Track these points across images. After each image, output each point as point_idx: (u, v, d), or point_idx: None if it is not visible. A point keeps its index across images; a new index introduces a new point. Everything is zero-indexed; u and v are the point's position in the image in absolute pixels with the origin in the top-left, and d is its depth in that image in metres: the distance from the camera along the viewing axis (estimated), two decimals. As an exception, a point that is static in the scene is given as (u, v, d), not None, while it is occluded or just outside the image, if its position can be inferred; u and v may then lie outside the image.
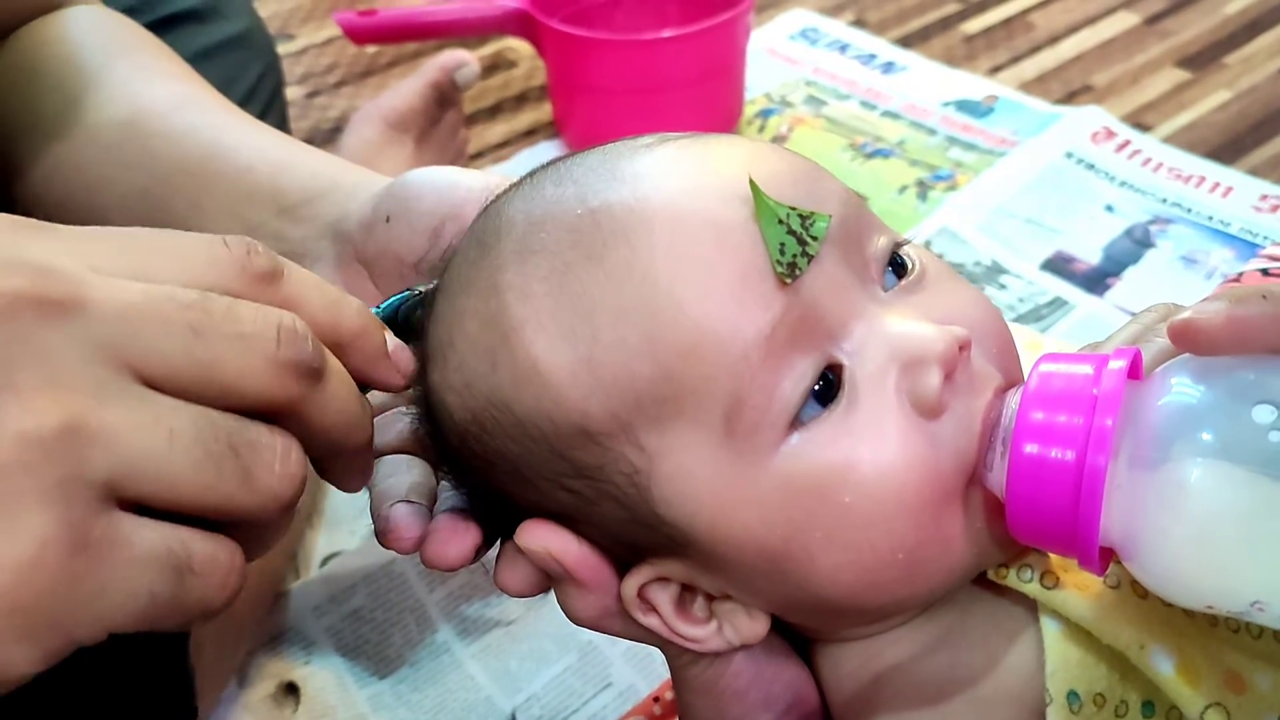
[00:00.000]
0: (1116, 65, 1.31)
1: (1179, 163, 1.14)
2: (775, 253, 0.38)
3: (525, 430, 0.40)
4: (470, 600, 0.80)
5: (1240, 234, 1.06)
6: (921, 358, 0.38)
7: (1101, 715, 0.39)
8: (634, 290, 0.38)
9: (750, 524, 0.39)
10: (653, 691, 0.72)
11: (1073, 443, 0.35)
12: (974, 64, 1.33)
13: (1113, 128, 1.19)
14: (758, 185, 0.39)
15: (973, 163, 1.16)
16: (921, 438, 0.38)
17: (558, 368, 0.39)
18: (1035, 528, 0.37)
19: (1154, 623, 0.39)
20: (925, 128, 1.22)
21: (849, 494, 0.38)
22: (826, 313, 0.39)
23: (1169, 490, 0.34)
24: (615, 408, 0.39)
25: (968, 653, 0.42)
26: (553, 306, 0.39)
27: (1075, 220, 1.09)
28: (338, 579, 0.81)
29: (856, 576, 0.39)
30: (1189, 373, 0.35)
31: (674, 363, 0.38)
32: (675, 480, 0.39)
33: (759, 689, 0.43)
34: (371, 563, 0.82)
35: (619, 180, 0.41)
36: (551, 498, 0.41)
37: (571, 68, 1.17)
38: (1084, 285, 1.02)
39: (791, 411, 0.38)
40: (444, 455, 0.45)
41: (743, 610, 0.42)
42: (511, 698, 0.74)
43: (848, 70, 1.33)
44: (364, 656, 0.78)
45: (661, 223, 0.39)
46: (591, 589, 0.42)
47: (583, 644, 0.76)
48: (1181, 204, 1.10)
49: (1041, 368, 0.38)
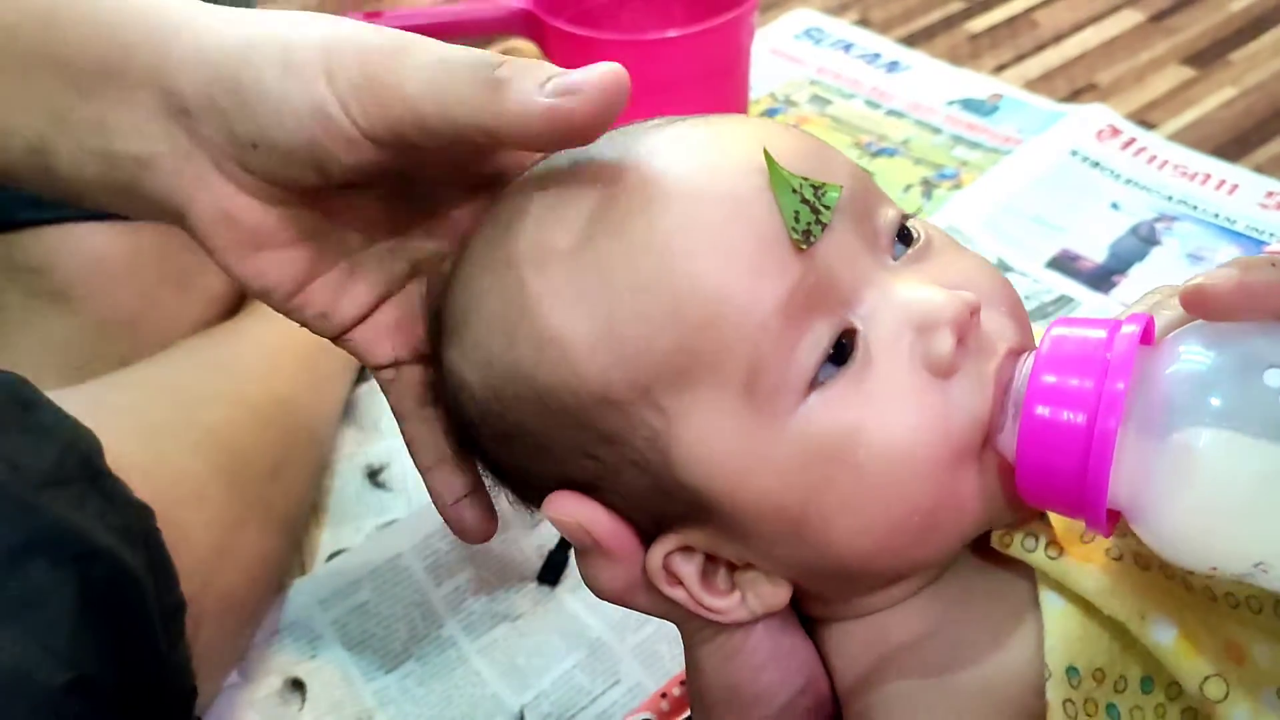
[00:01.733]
0: (1121, 63, 1.30)
1: (1184, 160, 1.14)
2: (790, 220, 0.39)
3: (546, 402, 0.41)
4: (476, 596, 0.80)
5: (1246, 231, 1.06)
6: (934, 321, 0.39)
7: (1101, 690, 0.40)
8: (653, 263, 0.39)
9: (769, 487, 0.39)
10: (660, 688, 0.72)
11: (1084, 406, 0.36)
12: (978, 62, 1.33)
13: (1118, 125, 1.18)
14: (772, 156, 0.40)
15: (978, 161, 1.16)
16: (935, 399, 0.39)
17: (578, 339, 0.40)
18: (1044, 489, 0.38)
19: (1155, 594, 0.39)
20: (930, 126, 1.22)
21: (863, 454, 0.39)
22: (840, 279, 0.40)
23: (1178, 454, 0.35)
24: (636, 376, 0.39)
25: (971, 631, 0.43)
26: (571, 279, 0.40)
27: (1081, 218, 1.09)
28: (343, 573, 0.81)
29: (872, 539, 0.40)
30: (1200, 338, 0.36)
31: (694, 334, 0.39)
32: (695, 444, 0.40)
33: (775, 668, 0.44)
34: (376, 557, 0.82)
35: (634, 158, 0.42)
36: (574, 467, 0.42)
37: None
38: (1089, 283, 1.02)
39: (809, 374, 0.39)
40: (462, 434, 0.46)
41: (764, 578, 0.43)
42: (520, 695, 0.74)
43: (852, 69, 1.33)
44: (369, 651, 0.77)
45: (679, 196, 0.40)
46: (619, 559, 0.43)
47: (591, 641, 0.76)
48: (1187, 201, 1.09)
49: (1054, 331, 0.38)
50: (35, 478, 0.57)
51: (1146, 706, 0.40)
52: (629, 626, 0.77)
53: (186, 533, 0.65)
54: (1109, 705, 0.40)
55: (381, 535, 0.84)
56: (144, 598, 0.59)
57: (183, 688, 0.64)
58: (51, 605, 0.55)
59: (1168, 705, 0.40)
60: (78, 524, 0.57)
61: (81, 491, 0.59)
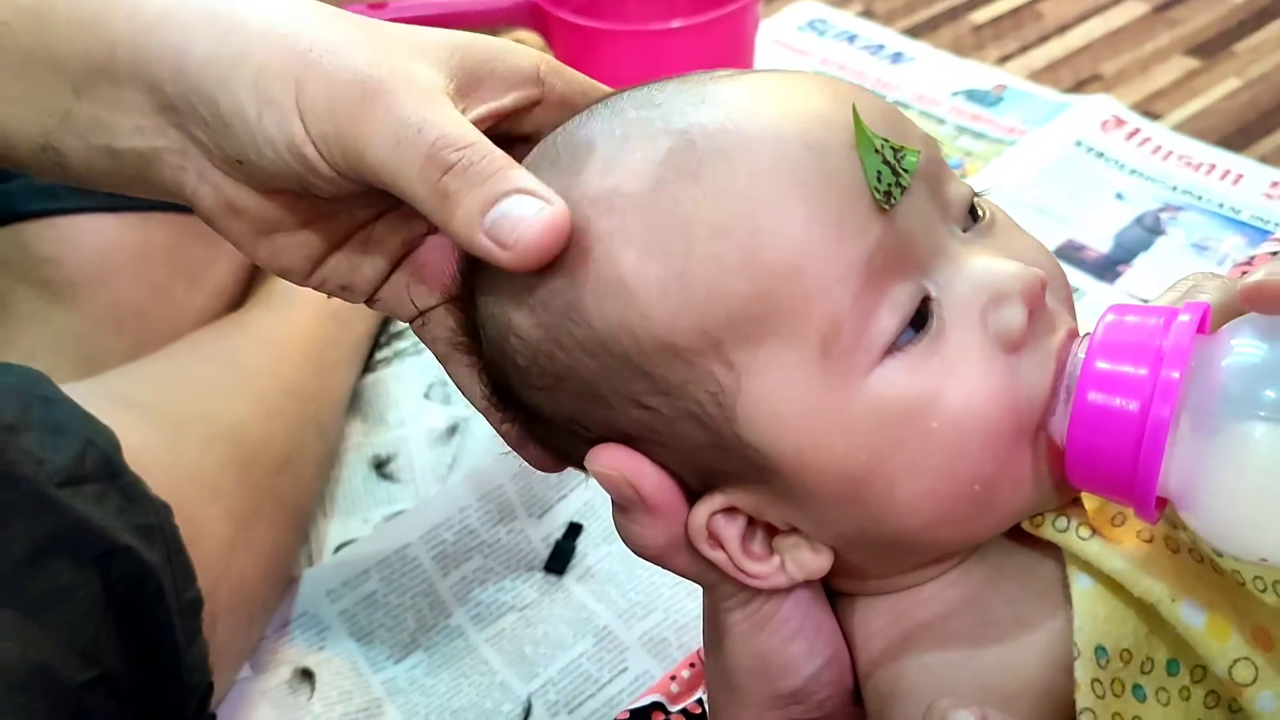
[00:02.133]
0: (1126, 54, 1.30)
1: (1189, 150, 1.14)
2: (873, 179, 0.38)
3: (605, 346, 0.40)
4: (484, 585, 0.80)
5: (1251, 221, 1.06)
6: (1007, 292, 0.39)
7: (1127, 671, 0.40)
8: (734, 207, 0.38)
9: (837, 448, 0.39)
10: (669, 671, 0.72)
11: (1138, 393, 0.36)
12: (982, 53, 1.33)
13: (1122, 116, 1.18)
14: (859, 113, 0.39)
15: (982, 152, 1.16)
16: (1004, 371, 0.39)
17: (647, 282, 0.39)
18: (1093, 474, 0.38)
19: (1185, 577, 0.40)
20: (934, 117, 1.22)
21: (936, 420, 0.38)
22: (917, 244, 0.40)
23: (1231, 444, 0.35)
24: (706, 325, 0.39)
25: (998, 610, 0.43)
26: (642, 221, 0.39)
27: (1085, 208, 1.09)
28: (351, 563, 0.82)
29: (934, 506, 0.40)
30: (1255, 331, 0.36)
31: (773, 282, 0.38)
32: (763, 401, 0.39)
33: (804, 639, 0.44)
34: (384, 548, 0.82)
35: (710, 103, 0.41)
36: (625, 416, 0.41)
37: (581, 58, 1.16)
38: (1095, 273, 1.02)
39: (888, 338, 0.39)
40: (500, 379, 0.45)
41: (806, 545, 0.42)
42: (527, 683, 0.75)
43: (856, 61, 1.33)
44: (377, 641, 0.78)
45: (761, 143, 0.39)
46: (662, 516, 0.42)
47: (598, 630, 0.77)
48: (1192, 191, 1.09)
49: (1108, 318, 0.39)
50: (56, 475, 0.57)
51: (1172, 689, 0.40)
52: (635, 615, 0.77)
53: (202, 528, 0.66)
54: (1135, 686, 0.40)
55: (389, 526, 0.84)
56: (163, 595, 0.60)
57: (200, 683, 0.64)
58: (74, 604, 0.55)
59: (1193, 688, 0.40)
60: (99, 522, 0.57)
61: (102, 489, 0.59)
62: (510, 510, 0.83)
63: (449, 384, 0.93)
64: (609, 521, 0.82)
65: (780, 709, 0.45)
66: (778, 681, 0.44)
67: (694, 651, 0.72)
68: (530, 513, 0.84)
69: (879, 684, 0.44)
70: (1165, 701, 0.40)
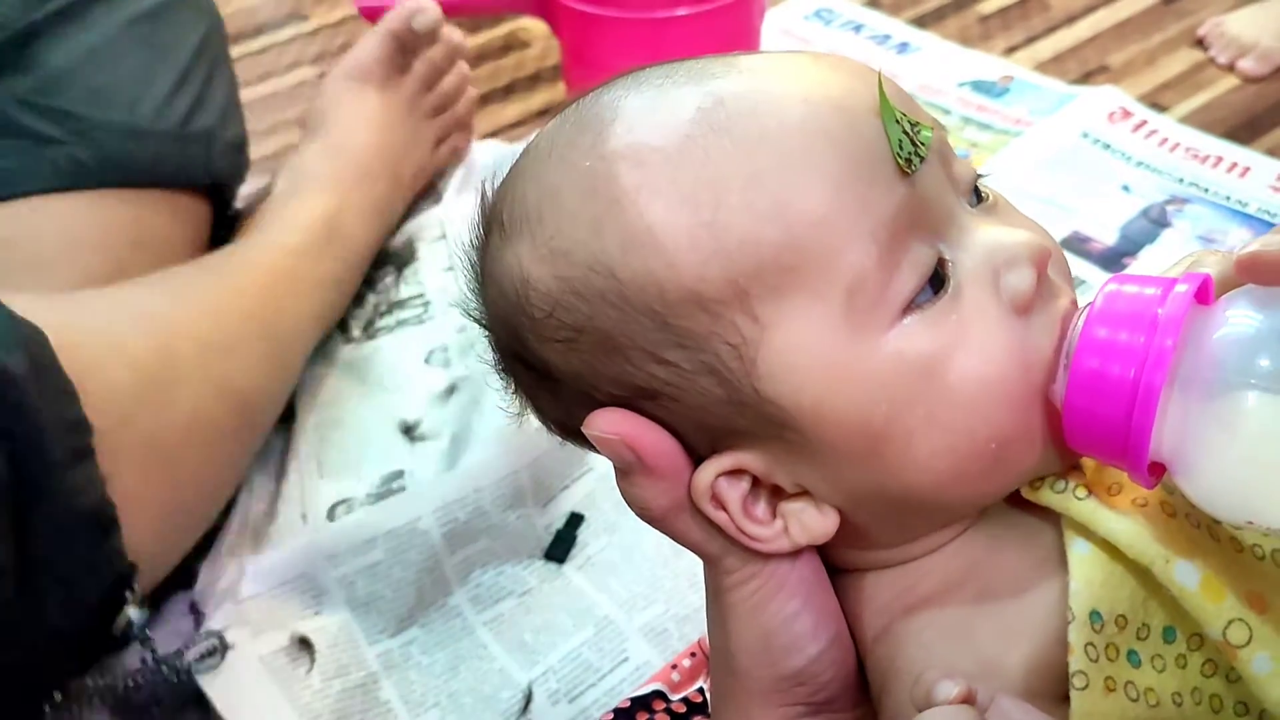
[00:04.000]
0: (1133, 45, 1.30)
1: (1196, 143, 1.14)
2: (896, 147, 0.40)
3: (628, 298, 0.40)
4: (485, 567, 0.80)
5: (1258, 214, 1.05)
6: (1018, 256, 0.41)
7: (1122, 637, 0.40)
8: (766, 158, 0.39)
9: (857, 399, 0.40)
10: (670, 660, 0.72)
11: (1132, 360, 0.37)
12: (989, 44, 1.32)
13: (1129, 108, 1.18)
14: (882, 83, 0.41)
15: (988, 143, 1.16)
16: (1015, 333, 0.40)
17: (676, 231, 0.39)
18: (1089, 438, 0.39)
19: (1181, 540, 0.40)
20: (940, 108, 1.21)
21: (954, 375, 0.39)
22: (934, 210, 0.41)
23: (1224, 412, 0.36)
24: (735, 274, 0.39)
25: (997, 579, 0.43)
26: (672, 172, 0.40)
27: (1091, 200, 1.08)
28: (358, 530, 0.80)
29: (950, 463, 0.40)
30: (1251, 301, 0.37)
31: (805, 232, 0.39)
32: (786, 353, 0.40)
33: (807, 618, 0.44)
34: (395, 519, 0.81)
35: (737, 70, 0.42)
36: (642, 372, 0.41)
37: (586, 45, 1.17)
38: (1101, 264, 1.02)
39: (909, 294, 0.40)
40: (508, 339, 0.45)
41: (813, 507, 0.43)
42: (528, 670, 0.74)
43: (862, 50, 1.32)
44: (374, 612, 0.77)
45: (791, 103, 0.40)
46: (664, 478, 0.42)
47: (599, 619, 0.77)
48: (1199, 184, 1.09)
49: (1108, 288, 0.40)
50: None
51: (1168, 656, 0.40)
52: (637, 606, 0.77)
53: (99, 365, 0.66)
54: (1130, 652, 0.40)
55: (401, 500, 0.83)
56: (24, 397, 0.60)
57: (95, 509, 0.64)
58: None
59: (1189, 655, 0.40)
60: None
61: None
62: (522, 497, 0.83)
63: (449, 349, 0.95)
64: (610, 512, 0.83)
65: (783, 690, 0.45)
66: (780, 662, 0.44)
67: (695, 641, 0.72)
68: (537, 500, 0.83)
69: (880, 660, 0.44)
70: (1160, 668, 0.40)
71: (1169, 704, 0.40)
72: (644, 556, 0.79)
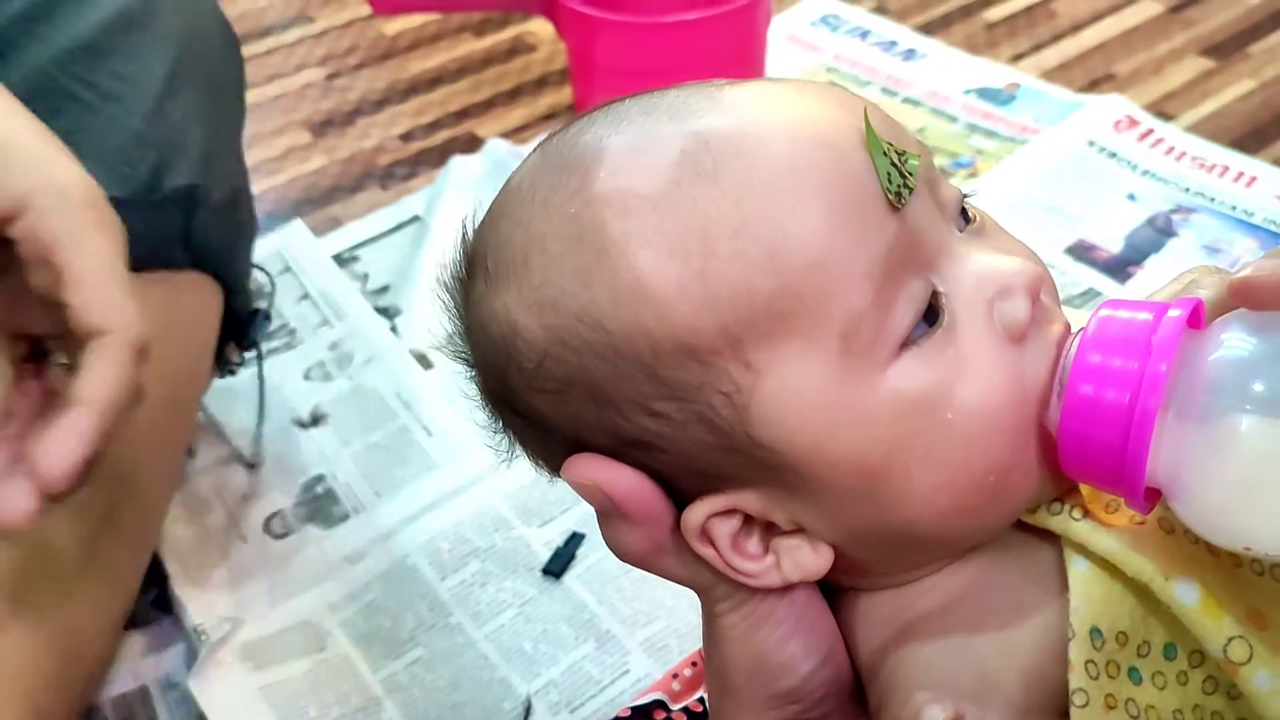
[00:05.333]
0: (1139, 54, 1.30)
1: (1202, 152, 1.13)
2: (884, 180, 0.39)
3: (618, 350, 0.40)
4: (484, 586, 0.80)
5: (1264, 224, 1.05)
6: (1012, 285, 0.41)
7: (1123, 654, 0.40)
8: (754, 204, 0.39)
9: (855, 441, 0.39)
10: (670, 669, 0.72)
11: (1126, 386, 0.37)
12: (996, 51, 1.32)
13: (1135, 116, 1.18)
14: (870, 117, 0.40)
15: (994, 150, 1.15)
16: (1011, 361, 0.40)
17: (665, 282, 0.39)
18: (1085, 464, 0.39)
19: (1180, 558, 0.40)
20: (946, 115, 1.21)
21: (952, 411, 0.39)
22: (925, 242, 0.40)
23: (1218, 437, 0.36)
24: (728, 323, 0.39)
25: (996, 598, 0.43)
26: (659, 222, 0.39)
27: (1097, 209, 1.08)
28: (355, 578, 0.82)
29: (949, 498, 0.40)
30: (1244, 326, 0.37)
31: (797, 277, 0.38)
32: (781, 398, 0.39)
33: (800, 638, 0.44)
34: (387, 562, 0.83)
35: (720, 106, 0.41)
36: (633, 423, 0.41)
37: (592, 49, 1.17)
38: (1106, 273, 1.01)
39: (905, 331, 0.39)
40: (496, 387, 0.44)
41: (807, 544, 0.42)
42: (528, 682, 0.74)
43: (869, 57, 1.32)
44: (378, 642, 0.78)
45: (777, 144, 0.40)
46: (641, 523, 0.42)
47: (600, 633, 0.77)
48: (1204, 193, 1.09)
49: (1101, 313, 0.39)
50: None
51: (1169, 673, 0.40)
52: (638, 622, 0.77)
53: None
54: (1131, 669, 0.40)
55: (389, 544, 0.85)
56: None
57: None
58: None
59: (1190, 673, 0.40)
60: None
61: None
62: (505, 522, 0.84)
63: (326, 365, 0.96)
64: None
65: (778, 709, 0.45)
66: (775, 681, 0.44)
67: (695, 651, 0.72)
68: (529, 522, 0.84)
69: (878, 677, 0.44)
70: (1161, 685, 0.40)
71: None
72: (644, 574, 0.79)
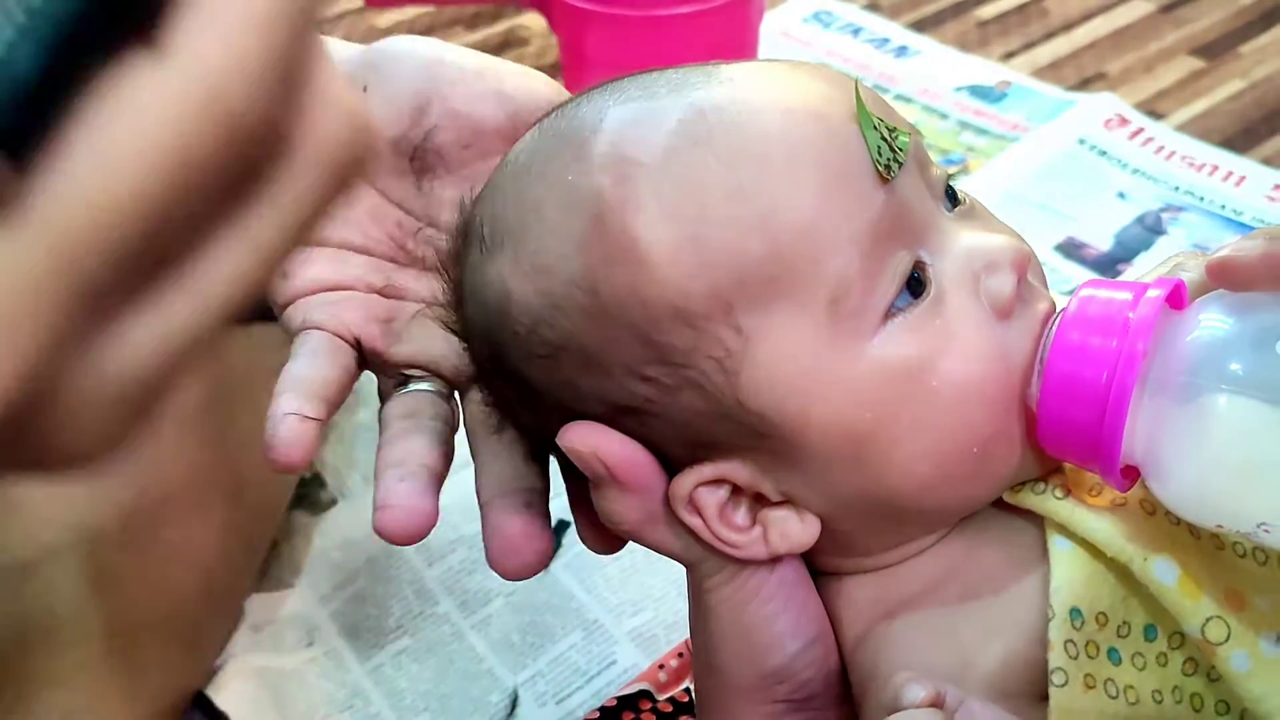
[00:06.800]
0: (1130, 53, 1.30)
1: (1192, 151, 1.14)
2: (875, 153, 0.40)
3: (610, 314, 0.40)
4: (471, 574, 0.80)
5: (1253, 223, 1.05)
6: (999, 261, 0.41)
7: (1103, 634, 0.40)
8: (748, 170, 0.40)
9: (842, 406, 0.40)
10: (657, 659, 0.72)
11: (1103, 364, 0.38)
12: (987, 49, 1.32)
13: (1126, 115, 1.18)
14: (860, 91, 0.41)
15: (984, 148, 1.15)
16: (996, 335, 0.41)
17: (659, 245, 0.39)
18: (1063, 442, 0.40)
19: (1160, 538, 0.40)
20: (937, 112, 1.21)
21: (937, 379, 0.40)
22: (914, 216, 0.41)
23: (1194, 415, 0.36)
24: (719, 287, 0.39)
25: (977, 579, 0.43)
26: (655, 188, 0.40)
27: (1087, 206, 1.08)
28: (343, 567, 0.81)
29: (933, 466, 0.41)
30: (1223, 306, 0.37)
31: (788, 242, 0.39)
32: (770, 363, 0.40)
33: (788, 616, 0.44)
34: (375, 548, 0.82)
35: (716, 81, 0.42)
36: (624, 388, 0.41)
37: (584, 43, 1.17)
38: (1095, 271, 1.02)
39: (891, 299, 0.40)
40: (487, 354, 0.45)
41: (795, 516, 0.43)
42: (515, 673, 0.74)
43: (861, 54, 1.32)
44: (365, 632, 0.77)
45: (771, 114, 0.41)
46: (636, 491, 0.42)
47: (587, 623, 0.76)
48: (1194, 192, 1.09)
49: (1083, 292, 0.40)
50: None
51: (1149, 654, 0.40)
52: (625, 612, 0.77)
53: None
54: (1110, 649, 0.40)
55: None
56: None
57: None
58: None
59: (1170, 654, 0.40)
60: None
61: None
62: None
63: None
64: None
65: (764, 689, 0.45)
66: (762, 660, 0.44)
67: (682, 641, 0.72)
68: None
69: (862, 661, 0.44)
70: (1141, 666, 0.40)
71: (1149, 701, 0.40)
72: (632, 561, 0.79)
